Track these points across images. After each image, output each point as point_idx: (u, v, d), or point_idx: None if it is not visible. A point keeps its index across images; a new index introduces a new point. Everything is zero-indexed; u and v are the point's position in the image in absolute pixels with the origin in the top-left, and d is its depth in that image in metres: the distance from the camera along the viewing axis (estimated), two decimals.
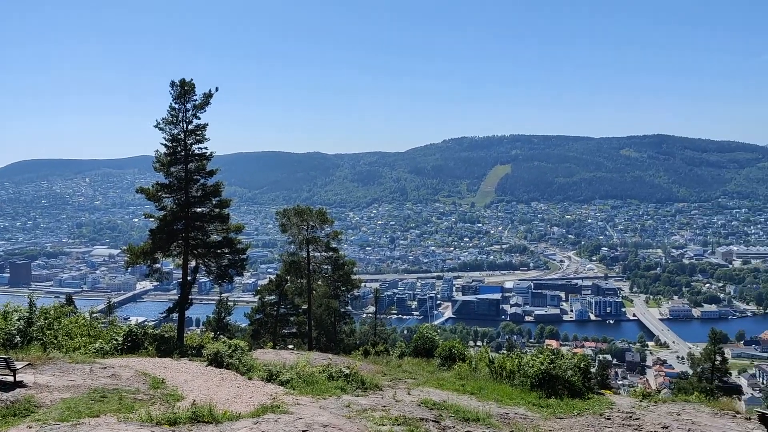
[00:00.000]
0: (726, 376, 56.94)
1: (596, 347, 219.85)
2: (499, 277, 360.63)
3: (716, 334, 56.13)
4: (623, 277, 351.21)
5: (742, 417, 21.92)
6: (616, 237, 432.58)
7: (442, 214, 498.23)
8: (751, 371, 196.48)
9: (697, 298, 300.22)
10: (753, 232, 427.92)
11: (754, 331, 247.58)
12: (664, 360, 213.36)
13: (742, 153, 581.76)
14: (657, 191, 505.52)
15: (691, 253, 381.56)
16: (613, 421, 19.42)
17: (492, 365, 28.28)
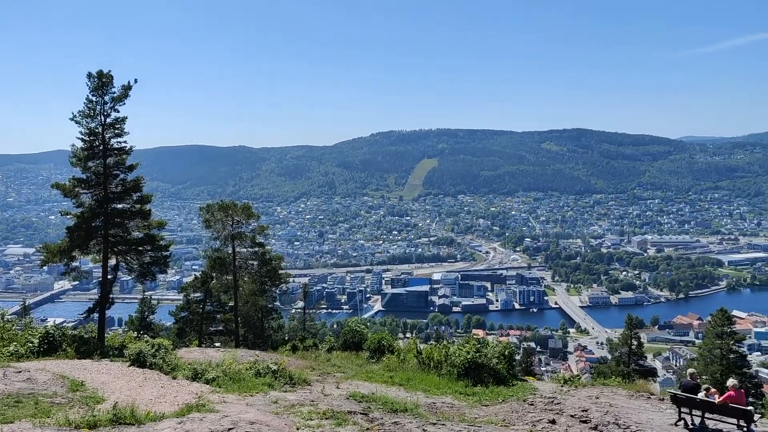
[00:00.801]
0: (642, 360, 59.39)
1: (521, 335, 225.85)
2: (428, 269, 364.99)
3: (632, 319, 58.63)
4: (546, 266, 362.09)
5: (656, 398, 23.07)
6: (539, 228, 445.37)
7: (371, 207, 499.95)
8: (665, 354, 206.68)
9: (614, 286, 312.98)
10: (666, 221, 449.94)
11: (668, 315, 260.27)
12: (585, 346, 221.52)
13: (655, 146, 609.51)
14: (576, 183, 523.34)
15: (608, 243, 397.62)
16: (536, 407, 20.04)
17: (420, 356, 28.60)
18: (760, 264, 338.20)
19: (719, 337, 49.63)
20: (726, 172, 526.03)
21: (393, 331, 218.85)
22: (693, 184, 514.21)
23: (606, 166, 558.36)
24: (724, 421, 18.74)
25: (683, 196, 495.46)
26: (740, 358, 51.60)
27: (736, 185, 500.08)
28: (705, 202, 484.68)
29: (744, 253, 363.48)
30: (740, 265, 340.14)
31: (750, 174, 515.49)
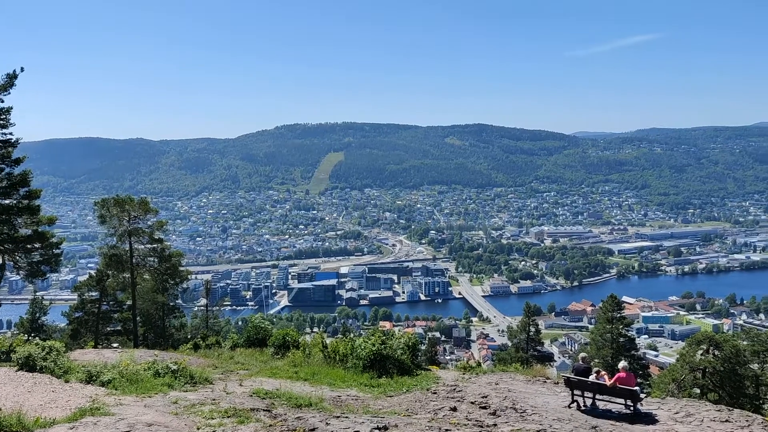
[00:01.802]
0: (540, 346, 61.94)
1: (426, 326, 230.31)
2: (335, 263, 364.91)
3: (530, 307, 61.07)
4: (450, 258, 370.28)
5: (552, 382, 24.11)
6: (443, 220, 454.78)
7: (276, 201, 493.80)
8: (561, 339, 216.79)
9: (514, 275, 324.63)
10: (561, 213, 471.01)
11: (563, 303, 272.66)
12: (487, 334, 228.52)
13: (551, 141, 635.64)
14: (478, 177, 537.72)
15: (508, 234, 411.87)
16: (438, 395, 20.47)
17: (325, 350, 28.57)
18: (647, 252, 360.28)
19: (609, 322, 52.38)
20: (616, 166, 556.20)
21: (300, 326, 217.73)
22: (586, 177, 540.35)
23: (506, 160, 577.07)
24: (614, 402, 19.84)
25: (577, 188, 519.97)
26: (629, 342, 54.70)
27: (625, 178, 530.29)
28: (597, 194, 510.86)
29: (632, 242, 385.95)
30: (629, 253, 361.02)
31: (637, 168, 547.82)
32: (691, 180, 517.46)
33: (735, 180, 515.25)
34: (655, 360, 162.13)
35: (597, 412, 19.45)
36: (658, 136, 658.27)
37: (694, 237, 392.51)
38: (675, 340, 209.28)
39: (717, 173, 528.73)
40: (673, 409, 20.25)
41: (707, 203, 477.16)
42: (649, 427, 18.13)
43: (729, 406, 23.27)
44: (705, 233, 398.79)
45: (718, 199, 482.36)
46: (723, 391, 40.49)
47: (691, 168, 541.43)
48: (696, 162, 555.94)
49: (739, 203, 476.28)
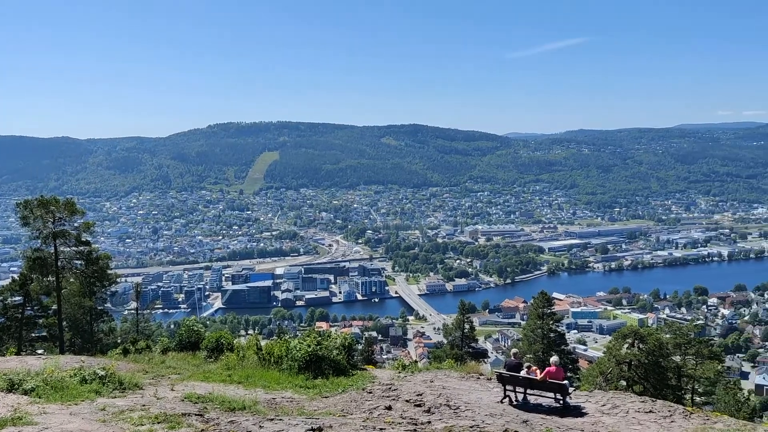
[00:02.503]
0: (474, 343, 62.99)
1: (363, 325, 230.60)
2: (270, 264, 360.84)
3: (465, 305, 61.96)
4: (386, 257, 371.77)
5: (485, 378, 24.57)
6: (380, 220, 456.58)
7: (209, 201, 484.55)
8: (495, 336, 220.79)
9: (449, 274, 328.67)
10: (494, 212, 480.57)
11: (497, 300, 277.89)
12: (423, 332, 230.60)
13: (484, 142, 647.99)
14: (414, 177, 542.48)
15: (444, 233, 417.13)
16: (374, 394, 20.55)
17: (260, 352, 28.22)
18: (575, 250, 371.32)
19: (540, 318, 53.72)
20: (546, 166, 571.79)
21: (234, 328, 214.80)
22: (518, 177, 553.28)
23: (441, 161, 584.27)
24: (544, 396, 20.39)
25: (509, 188, 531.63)
26: (559, 337, 56.25)
27: (555, 178, 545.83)
28: (528, 194, 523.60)
29: (562, 240, 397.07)
30: (558, 251, 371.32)
31: (566, 168, 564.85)
32: (617, 180, 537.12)
33: (658, 180, 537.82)
34: (584, 354, 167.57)
35: (528, 406, 19.95)
36: (586, 138, 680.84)
37: (620, 235, 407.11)
38: (603, 335, 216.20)
39: (641, 173, 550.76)
40: (601, 401, 20.97)
41: (632, 202, 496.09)
42: (578, 419, 18.70)
43: (653, 397, 24.28)
44: (630, 231, 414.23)
45: (642, 198, 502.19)
46: (647, 383, 42.14)
47: (617, 168, 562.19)
48: (622, 162, 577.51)
49: (662, 202, 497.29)
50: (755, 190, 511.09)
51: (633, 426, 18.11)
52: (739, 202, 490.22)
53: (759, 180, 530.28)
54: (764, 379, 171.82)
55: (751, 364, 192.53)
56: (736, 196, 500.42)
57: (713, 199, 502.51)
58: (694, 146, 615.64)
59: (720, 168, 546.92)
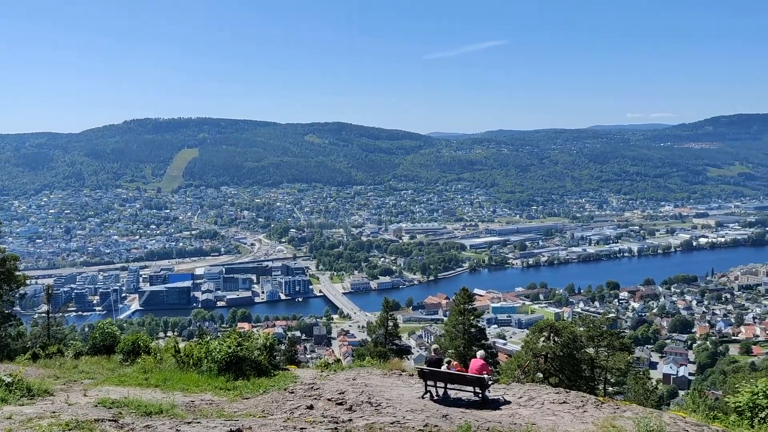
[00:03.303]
0: (398, 339, 63.23)
1: (286, 325, 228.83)
2: (190, 264, 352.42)
3: (388, 302, 62.15)
4: (310, 256, 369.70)
5: (407, 374, 24.83)
6: (303, 218, 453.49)
7: (126, 200, 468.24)
8: (418, 333, 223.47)
9: (374, 272, 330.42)
10: (418, 210, 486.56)
11: (420, 297, 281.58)
12: (348, 330, 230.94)
13: (408, 141, 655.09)
14: (338, 175, 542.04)
15: (368, 231, 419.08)
16: (296, 394, 20.41)
17: (178, 355, 27.51)
18: (496, 247, 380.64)
19: (462, 314, 54.63)
20: (467, 165, 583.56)
21: (152, 330, 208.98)
22: (440, 176, 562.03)
23: (365, 159, 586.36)
24: (465, 390, 20.81)
25: (432, 187, 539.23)
26: (479, 332, 57.34)
27: (476, 177, 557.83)
28: (450, 192, 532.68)
29: (482, 237, 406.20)
30: (479, 248, 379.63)
31: (487, 167, 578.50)
32: (534, 179, 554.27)
33: (573, 179, 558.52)
34: (504, 348, 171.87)
35: (449, 400, 20.29)
36: (505, 138, 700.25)
37: (538, 232, 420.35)
38: (521, 329, 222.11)
39: (557, 172, 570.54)
40: (518, 393, 21.60)
41: (549, 200, 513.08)
42: (496, 412, 19.19)
43: (567, 388, 25.21)
44: (547, 228, 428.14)
45: (558, 197, 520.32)
46: (563, 375, 43.63)
47: (535, 167, 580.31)
48: (539, 162, 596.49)
49: (576, 200, 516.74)
50: (662, 189, 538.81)
51: (548, 417, 18.73)
52: (648, 200, 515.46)
53: (666, 179, 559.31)
54: (671, 368, 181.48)
55: (659, 354, 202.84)
56: (645, 195, 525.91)
57: (624, 197, 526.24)
58: (606, 147, 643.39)
59: (630, 168, 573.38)
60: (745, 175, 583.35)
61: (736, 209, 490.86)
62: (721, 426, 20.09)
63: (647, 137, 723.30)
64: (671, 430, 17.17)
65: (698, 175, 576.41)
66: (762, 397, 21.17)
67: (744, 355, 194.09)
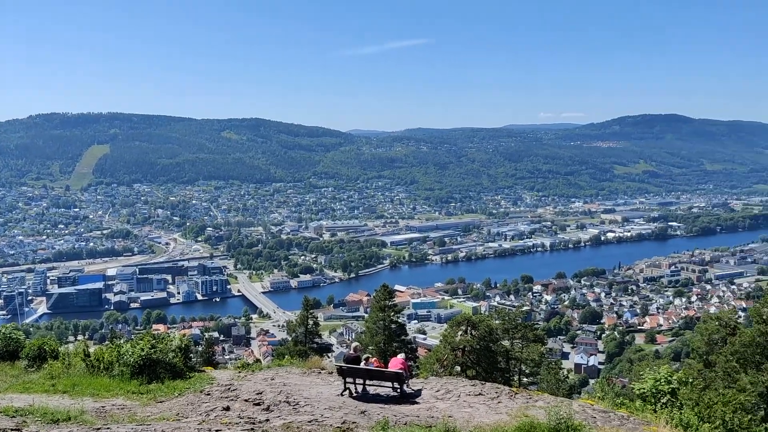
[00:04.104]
0: (318, 338, 63.09)
1: (203, 326, 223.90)
2: (101, 264, 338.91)
3: (308, 301, 61.87)
4: (228, 255, 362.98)
5: (326, 372, 24.84)
6: (221, 217, 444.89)
7: (31, 198, 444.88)
8: (340, 330, 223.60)
9: (294, 270, 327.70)
10: (338, 207, 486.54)
11: (341, 294, 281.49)
12: (267, 330, 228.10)
13: (328, 138, 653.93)
14: (257, 172, 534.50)
15: (288, 229, 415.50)
16: (212, 396, 20.05)
17: (88, 359, 26.48)
18: (416, 243, 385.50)
19: (382, 311, 55.00)
20: (387, 163, 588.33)
21: (61, 334, 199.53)
22: (361, 173, 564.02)
23: (284, 156, 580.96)
24: (383, 386, 21.03)
25: (353, 184, 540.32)
26: (400, 328, 57.91)
27: (396, 174, 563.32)
28: (371, 189, 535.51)
29: (403, 234, 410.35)
30: (400, 245, 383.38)
31: (406, 165, 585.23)
32: (452, 176, 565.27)
33: (489, 176, 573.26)
34: (424, 343, 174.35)
35: (368, 397, 20.45)
36: (424, 136, 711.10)
37: (456, 228, 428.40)
38: (441, 323, 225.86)
39: (474, 170, 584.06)
40: (435, 387, 22.00)
41: (466, 197, 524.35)
42: (414, 406, 19.50)
43: (483, 381, 25.88)
44: (465, 224, 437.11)
45: (475, 194, 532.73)
46: (479, 367, 44.64)
47: (453, 165, 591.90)
48: (457, 160, 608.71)
49: (492, 197, 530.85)
50: (573, 186, 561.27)
51: (464, 409, 19.19)
52: (559, 197, 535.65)
53: (576, 177, 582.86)
54: (582, 358, 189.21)
55: (571, 344, 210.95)
56: (557, 192, 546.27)
57: (537, 194, 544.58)
58: (520, 145, 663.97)
59: (543, 166, 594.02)
60: (649, 173, 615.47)
61: (640, 205, 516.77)
62: (626, 412, 21.16)
63: (558, 136, 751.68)
64: (580, 417, 17.91)
65: (606, 172, 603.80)
66: (664, 383, 22.49)
67: (649, 343, 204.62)
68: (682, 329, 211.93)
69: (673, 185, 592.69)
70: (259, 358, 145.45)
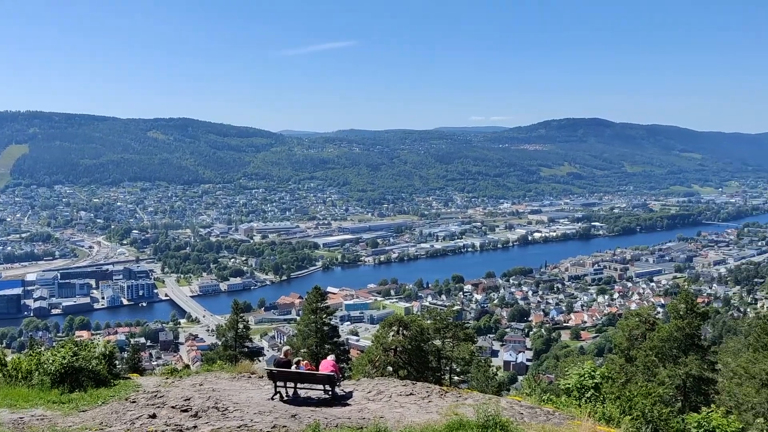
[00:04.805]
0: (249, 342, 62.37)
1: (129, 332, 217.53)
2: (19, 269, 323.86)
3: (238, 304, 61.13)
4: (155, 258, 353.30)
5: (257, 376, 24.56)
6: (147, 219, 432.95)
7: None
8: (271, 333, 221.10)
9: (224, 273, 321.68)
10: (269, 209, 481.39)
11: (273, 297, 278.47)
12: (196, 335, 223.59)
13: (258, 138, 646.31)
14: (185, 173, 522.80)
15: (217, 231, 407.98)
16: (138, 403, 19.51)
17: (5, 368, 25.32)
18: (348, 245, 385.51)
19: (314, 313, 54.85)
20: (320, 164, 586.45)
21: None
22: (292, 174, 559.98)
23: (213, 157, 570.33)
24: (315, 389, 20.99)
25: (284, 185, 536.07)
26: (332, 330, 57.94)
27: (328, 175, 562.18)
28: (303, 191, 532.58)
29: (335, 235, 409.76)
30: (332, 246, 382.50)
31: (339, 166, 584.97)
32: (385, 177, 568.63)
33: (421, 178, 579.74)
34: (357, 344, 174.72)
35: (299, 400, 20.36)
36: (357, 137, 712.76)
37: (389, 229, 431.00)
38: (374, 324, 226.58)
39: (406, 171, 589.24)
40: (367, 388, 22.12)
41: (399, 198, 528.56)
42: (345, 408, 19.55)
43: (415, 380, 26.19)
44: (397, 225, 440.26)
45: (407, 195, 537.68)
46: (411, 367, 45.11)
47: (385, 167, 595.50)
48: (389, 161, 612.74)
49: (424, 198, 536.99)
50: (501, 188, 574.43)
51: (395, 409, 19.38)
52: (489, 198, 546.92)
53: (504, 178, 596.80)
54: (510, 355, 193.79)
55: (500, 342, 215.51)
56: (486, 193, 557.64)
57: (467, 195, 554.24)
58: (451, 147, 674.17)
59: (473, 167, 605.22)
60: (573, 175, 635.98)
61: (565, 206, 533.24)
62: (552, 407, 21.84)
63: (488, 139, 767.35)
64: (508, 413, 18.38)
65: (532, 174, 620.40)
66: (588, 378, 23.34)
67: (574, 340, 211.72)
68: (605, 326, 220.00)
69: (596, 187, 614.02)
70: (188, 363, 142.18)
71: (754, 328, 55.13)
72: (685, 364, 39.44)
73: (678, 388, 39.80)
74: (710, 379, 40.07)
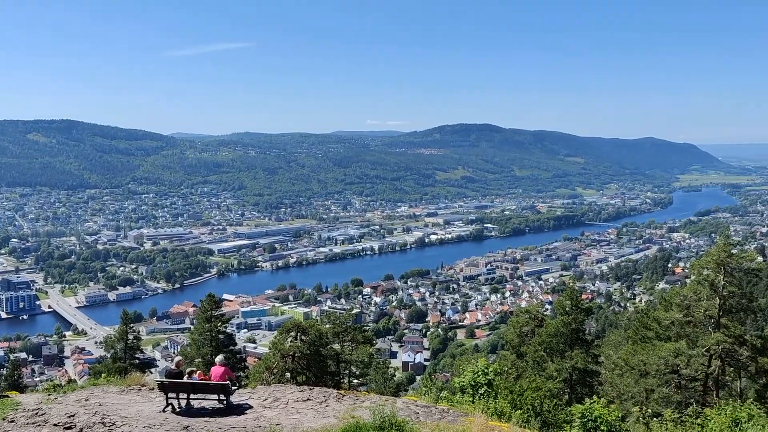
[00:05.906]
0: (140, 353, 60.01)
1: (9, 347, 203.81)
2: None
3: (127, 314, 58.67)
4: (36, 268, 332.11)
5: (148, 388, 23.68)
6: (27, 227, 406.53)
7: None
8: (164, 344, 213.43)
9: (112, 282, 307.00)
10: (161, 215, 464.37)
11: (165, 306, 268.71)
12: (83, 347, 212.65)
13: (148, 141, 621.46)
14: (68, 178, 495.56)
15: (104, 239, 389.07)
16: (17, 423, 18.38)
17: None
18: (245, 250, 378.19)
19: (208, 321, 53.57)
20: (214, 168, 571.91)
21: None
22: (185, 178, 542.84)
23: (99, 160, 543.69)
24: (209, 399, 20.50)
25: (176, 190, 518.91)
26: (228, 338, 56.81)
27: (223, 179, 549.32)
28: (196, 195, 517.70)
29: (231, 241, 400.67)
30: (228, 252, 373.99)
31: (234, 169, 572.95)
32: (282, 181, 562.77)
33: (319, 181, 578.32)
34: (255, 352, 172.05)
35: (192, 411, 19.85)
36: (252, 140, 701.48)
37: (287, 234, 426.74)
38: (272, 331, 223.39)
39: (304, 175, 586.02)
40: (263, 396, 21.89)
41: (297, 202, 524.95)
42: (240, 417, 19.25)
43: (313, 385, 26.12)
44: (296, 230, 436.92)
45: (305, 199, 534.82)
46: (310, 372, 44.95)
47: (282, 170, 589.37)
48: (286, 165, 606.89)
49: (322, 202, 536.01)
50: (399, 191, 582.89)
51: (292, 415, 19.30)
52: (387, 202, 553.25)
53: (401, 182, 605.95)
54: (409, 356, 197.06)
55: (399, 343, 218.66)
56: (384, 196, 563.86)
57: (365, 198, 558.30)
58: (349, 151, 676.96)
59: (370, 171, 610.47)
60: (467, 178, 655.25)
61: (459, 209, 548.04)
62: (447, 405, 22.45)
63: (385, 143, 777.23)
64: (404, 414, 18.74)
65: (428, 178, 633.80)
66: (481, 375, 24.17)
67: (469, 338, 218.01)
68: (497, 323, 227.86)
69: (488, 190, 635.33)
70: (74, 377, 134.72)
71: (633, 321, 59.04)
72: (571, 357, 41.61)
73: (565, 381, 41.92)
74: (594, 371, 42.49)
